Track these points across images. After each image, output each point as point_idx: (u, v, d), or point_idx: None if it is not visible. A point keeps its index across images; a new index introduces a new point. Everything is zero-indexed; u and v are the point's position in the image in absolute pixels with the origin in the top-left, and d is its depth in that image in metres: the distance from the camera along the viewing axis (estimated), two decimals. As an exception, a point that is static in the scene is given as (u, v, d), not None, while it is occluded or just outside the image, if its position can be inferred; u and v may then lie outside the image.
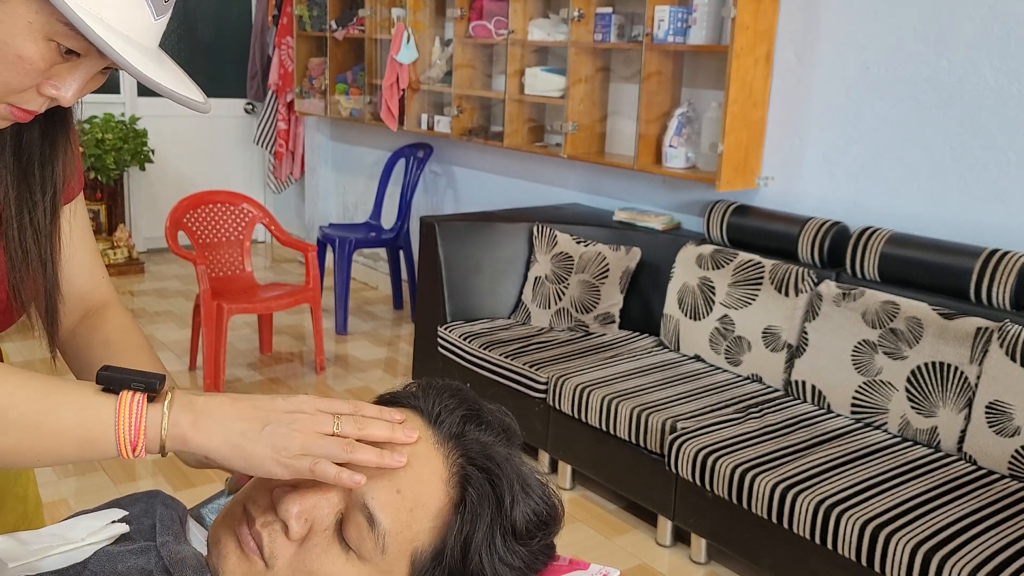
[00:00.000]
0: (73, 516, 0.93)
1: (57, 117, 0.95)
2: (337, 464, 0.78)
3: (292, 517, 0.78)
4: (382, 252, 5.36)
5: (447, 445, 0.84)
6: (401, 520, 0.80)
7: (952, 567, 2.01)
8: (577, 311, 3.46)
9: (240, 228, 4.13)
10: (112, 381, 0.78)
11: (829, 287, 2.85)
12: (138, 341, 1.05)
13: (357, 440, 0.79)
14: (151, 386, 0.78)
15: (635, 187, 3.83)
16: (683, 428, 2.65)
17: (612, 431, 2.84)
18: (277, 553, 0.79)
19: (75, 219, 1.06)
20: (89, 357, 1.03)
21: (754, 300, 3.01)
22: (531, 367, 3.11)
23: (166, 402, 0.78)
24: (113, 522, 0.90)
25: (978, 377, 2.48)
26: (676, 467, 2.61)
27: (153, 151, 5.54)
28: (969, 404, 2.50)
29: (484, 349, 3.28)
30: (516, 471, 0.85)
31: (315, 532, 0.80)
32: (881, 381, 2.67)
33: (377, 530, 0.79)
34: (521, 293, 3.61)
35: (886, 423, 2.66)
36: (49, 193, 0.97)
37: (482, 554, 0.81)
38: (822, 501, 2.27)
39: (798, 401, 2.86)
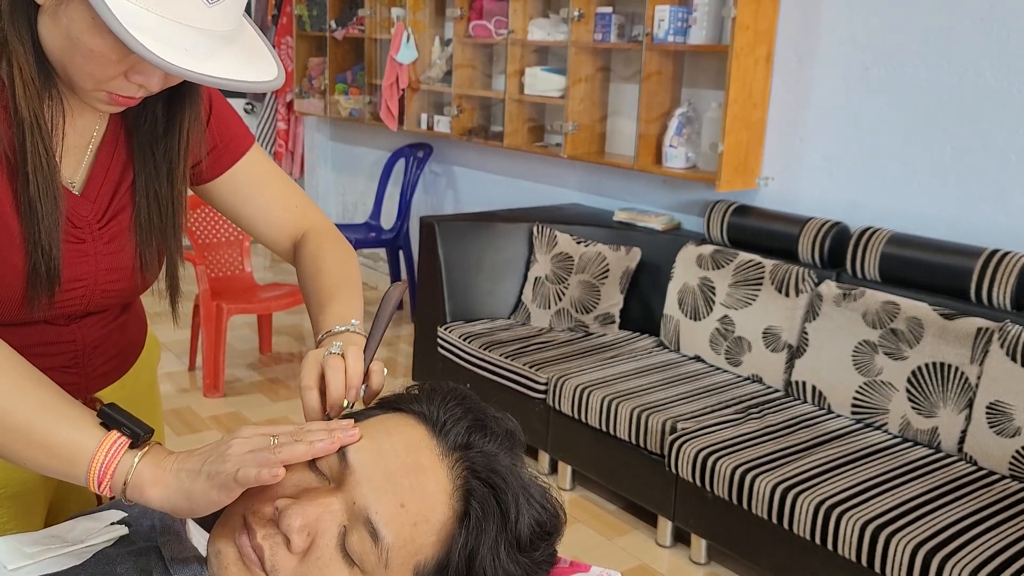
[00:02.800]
0: (72, 518, 0.93)
1: (178, 96, 1.04)
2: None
3: (295, 531, 0.77)
4: (382, 252, 5.35)
5: (451, 456, 0.82)
6: (405, 534, 0.79)
7: (952, 568, 2.01)
8: (577, 311, 3.45)
9: (240, 228, 4.12)
10: (108, 419, 0.86)
11: (829, 287, 2.84)
12: (314, 281, 1.16)
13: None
14: (135, 435, 0.85)
15: (635, 187, 3.82)
16: (683, 429, 2.65)
17: (612, 432, 2.84)
18: (279, 566, 0.78)
19: (252, 169, 1.20)
20: (302, 285, 1.19)
21: (754, 300, 3.01)
22: (531, 367, 3.11)
23: (140, 454, 0.84)
24: (112, 523, 0.90)
25: (978, 377, 2.48)
26: (676, 468, 2.61)
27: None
28: (970, 404, 2.49)
29: (484, 350, 3.27)
30: (520, 481, 0.84)
31: (317, 545, 0.78)
32: (881, 381, 2.66)
33: (381, 545, 0.78)
34: (521, 293, 3.61)
35: (886, 423, 2.66)
36: (164, 167, 1.07)
37: (487, 568, 0.80)
38: (822, 502, 2.26)
39: (798, 402, 2.86)
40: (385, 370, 0.97)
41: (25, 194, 0.95)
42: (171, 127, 1.06)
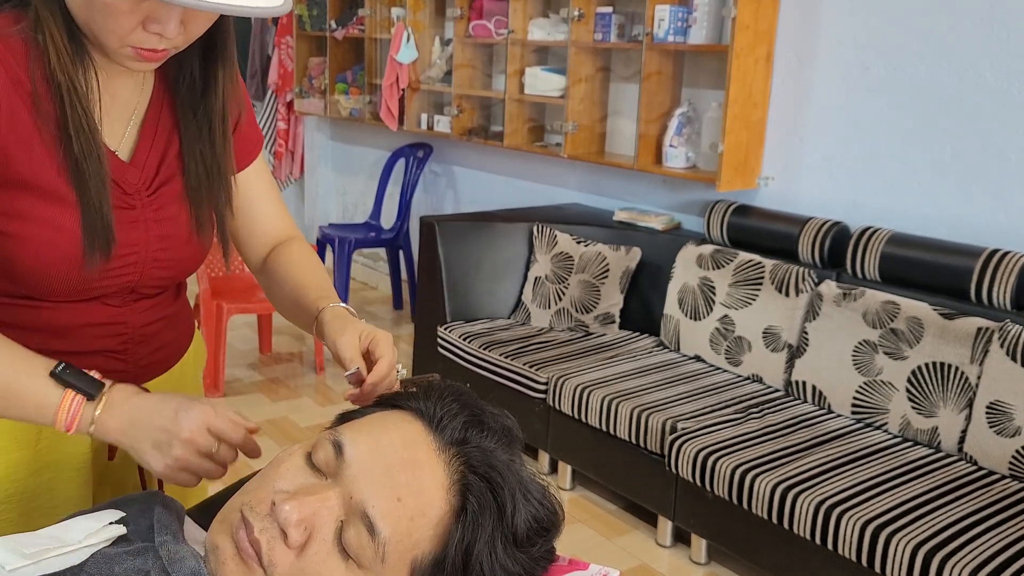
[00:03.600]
0: (70, 517, 0.92)
1: (212, 54, 1.08)
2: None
3: (291, 525, 0.77)
4: (382, 252, 5.35)
5: (448, 451, 0.82)
6: (402, 529, 0.78)
7: (952, 568, 2.01)
8: (577, 311, 3.45)
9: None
10: (61, 381, 0.97)
11: (829, 287, 2.84)
12: (307, 269, 1.21)
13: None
14: (89, 395, 0.97)
15: (635, 187, 3.82)
16: (683, 428, 2.65)
17: (612, 431, 2.84)
18: (276, 561, 0.78)
19: (262, 175, 1.26)
20: (277, 281, 1.23)
21: (754, 300, 3.01)
22: (531, 367, 3.10)
23: (99, 407, 0.97)
24: (111, 523, 0.90)
25: (978, 377, 2.47)
26: (676, 467, 2.61)
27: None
28: (970, 404, 2.49)
29: (484, 349, 3.27)
30: (517, 477, 0.83)
31: (314, 540, 0.78)
32: (881, 381, 2.66)
33: (377, 539, 0.78)
34: (521, 293, 3.60)
35: (887, 423, 2.66)
36: (206, 127, 1.11)
37: (483, 563, 0.80)
38: (822, 501, 2.26)
39: (798, 401, 2.86)
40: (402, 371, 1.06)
41: (71, 155, 1.00)
42: (208, 87, 1.10)
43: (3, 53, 0.97)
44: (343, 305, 1.11)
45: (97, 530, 0.88)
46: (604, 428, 2.86)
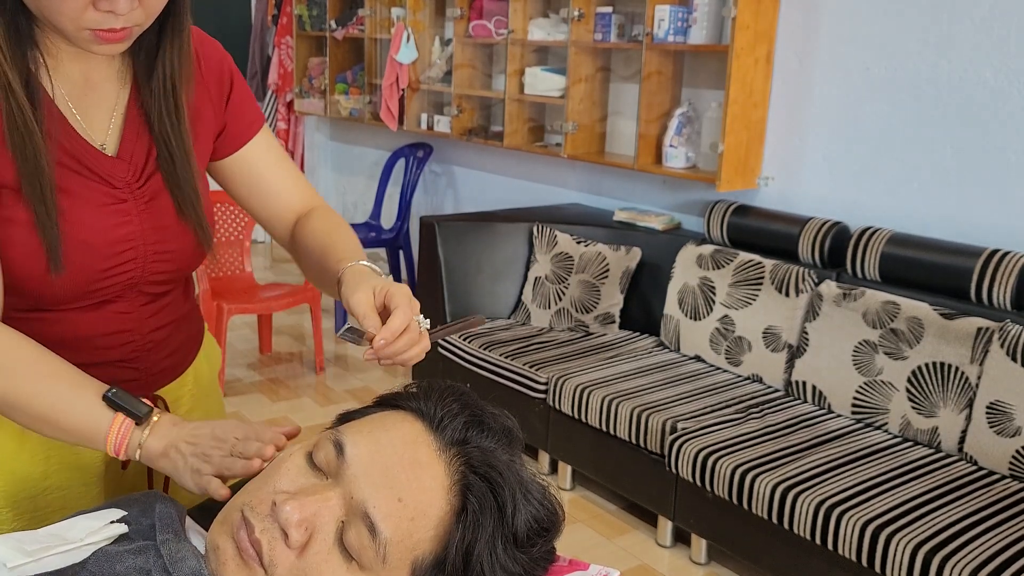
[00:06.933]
0: (72, 516, 0.93)
1: (165, 29, 1.06)
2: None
3: (292, 525, 0.77)
4: (382, 252, 5.35)
5: (449, 452, 0.82)
6: (402, 529, 0.78)
7: (953, 568, 2.01)
8: (577, 311, 3.45)
9: (240, 228, 4.13)
10: (112, 404, 0.98)
11: (829, 287, 2.84)
12: (331, 234, 1.18)
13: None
14: (137, 419, 0.98)
15: (635, 187, 3.82)
16: (683, 428, 2.65)
17: (612, 431, 2.84)
18: (277, 561, 0.78)
19: (269, 150, 1.25)
20: (304, 253, 1.21)
21: (754, 300, 3.01)
22: (531, 367, 3.11)
23: (146, 432, 0.98)
24: (112, 522, 0.90)
25: (979, 377, 2.47)
26: (676, 467, 2.61)
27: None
28: (970, 404, 2.49)
29: (484, 349, 3.27)
30: (517, 477, 0.83)
31: (315, 540, 0.78)
32: (882, 381, 2.66)
33: (378, 539, 0.78)
34: (521, 293, 3.60)
35: (887, 423, 2.66)
36: (159, 100, 1.09)
37: (483, 563, 0.80)
38: (822, 502, 2.26)
39: (799, 401, 2.86)
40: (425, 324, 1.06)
41: (15, 152, 0.99)
42: (157, 56, 1.08)
43: None
44: (365, 263, 1.08)
45: (98, 528, 0.88)
46: (604, 428, 2.86)
